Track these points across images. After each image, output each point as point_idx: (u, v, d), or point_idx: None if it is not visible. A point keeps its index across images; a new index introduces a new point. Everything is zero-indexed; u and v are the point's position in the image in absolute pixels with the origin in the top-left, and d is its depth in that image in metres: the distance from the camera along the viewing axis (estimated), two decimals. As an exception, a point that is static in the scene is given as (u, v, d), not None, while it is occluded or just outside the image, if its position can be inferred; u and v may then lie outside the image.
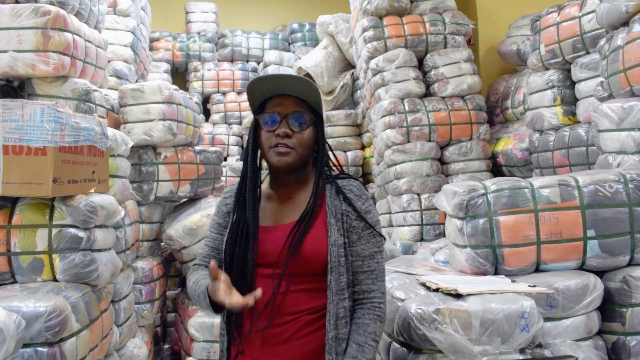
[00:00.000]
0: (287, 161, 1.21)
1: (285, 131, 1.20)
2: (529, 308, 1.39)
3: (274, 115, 1.22)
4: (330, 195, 1.24)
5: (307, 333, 1.19)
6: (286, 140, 1.21)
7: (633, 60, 1.97)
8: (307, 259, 1.19)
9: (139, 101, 2.91)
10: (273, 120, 1.22)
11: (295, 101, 1.23)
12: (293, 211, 1.25)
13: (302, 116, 1.23)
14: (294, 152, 1.21)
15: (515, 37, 4.07)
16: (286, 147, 1.21)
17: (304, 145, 1.23)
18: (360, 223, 1.22)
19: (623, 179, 1.69)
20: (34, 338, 1.43)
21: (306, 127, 1.23)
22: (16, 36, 2.21)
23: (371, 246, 1.23)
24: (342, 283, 1.19)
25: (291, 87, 1.23)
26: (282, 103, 1.23)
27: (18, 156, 1.59)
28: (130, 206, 2.54)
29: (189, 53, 5.75)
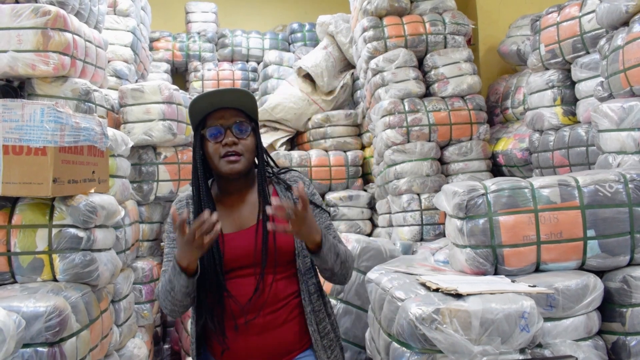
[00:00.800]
0: (239, 168, 1.33)
1: (232, 140, 1.32)
2: (529, 308, 1.39)
3: (218, 127, 1.33)
4: (281, 190, 1.40)
5: (297, 315, 1.36)
6: (234, 148, 1.32)
7: (633, 60, 1.97)
8: (282, 251, 1.34)
9: (139, 101, 2.91)
10: (218, 132, 1.33)
11: (234, 112, 1.35)
12: (252, 214, 1.37)
13: (243, 124, 1.35)
14: (243, 157, 1.34)
15: (515, 37, 4.07)
16: (236, 154, 1.32)
17: (250, 151, 1.36)
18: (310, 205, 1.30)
19: (623, 179, 1.69)
20: (34, 338, 1.43)
21: (248, 134, 1.35)
22: (16, 36, 2.21)
23: (324, 220, 1.41)
24: (308, 263, 1.37)
25: (229, 100, 1.35)
26: (223, 115, 1.35)
27: (18, 156, 1.59)
28: (130, 206, 2.54)
29: (189, 53, 5.75)
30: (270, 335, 1.32)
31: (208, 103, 1.35)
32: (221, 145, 1.33)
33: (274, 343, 1.33)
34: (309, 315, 1.35)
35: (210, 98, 1.34)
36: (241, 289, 1.32)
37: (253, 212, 1.36)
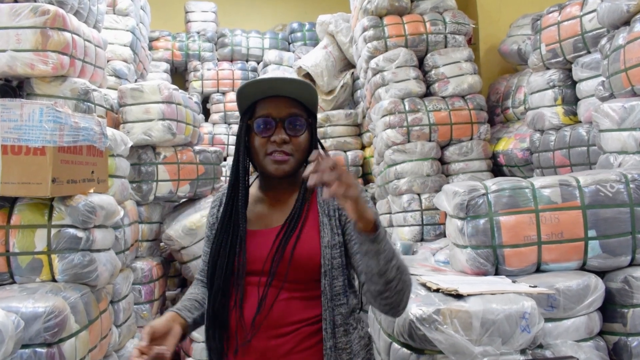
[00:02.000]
0: (285, 169, 1.13)
1: (283, 137, 1.11)
2: (529, 308, 1.38)
3: (269, 119, 1.12)
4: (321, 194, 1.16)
5: (309, 346, 1.09)
6: (284, 147, 1.12)
7: (634, 60, 1.97)
8: (299, 263, 1.09)
9: (139, 101, 2.91)
10: (268, 125, 1.12)
11: (289, 103, 1.14)
12: (283, 213, 1.16)
13: (298, 119, 1.13)
14: (292, 158, 1.13)
15: (516, 36, 4.06)
16: (284, 154, 1.12)
17: (301, 151, 1.15)
18: None
19: (624, 179, 1.68)
20: (33, 339, 1.43)
21: (303, 131, 1.14)
22: (15, 35, 2.20)
23: None
24: (338, 287, 1.10)
25: (285, 88, 1.14)
26: (277, 105, 1.13)
27: (17, 156, 1.59)
28: (130, 206, 2.53)
29: (188, 53, 5.74)
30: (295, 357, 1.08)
31: (260, 89, 1.13)
32: (269, 141, 1.12)
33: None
34: (328, 352, 1.07)
35: (264, 84, 1.13)
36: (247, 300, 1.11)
37: (287, 211, 1.15)
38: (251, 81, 1.13)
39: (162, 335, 1.10)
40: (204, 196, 3.28)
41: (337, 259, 1.11)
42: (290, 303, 1.09)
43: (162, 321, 1.12)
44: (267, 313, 1.08)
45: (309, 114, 1.17)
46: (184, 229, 2.92)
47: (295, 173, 1.17)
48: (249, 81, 1.14)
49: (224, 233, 1.15)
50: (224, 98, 5.72)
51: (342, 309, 1.11)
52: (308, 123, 1.16)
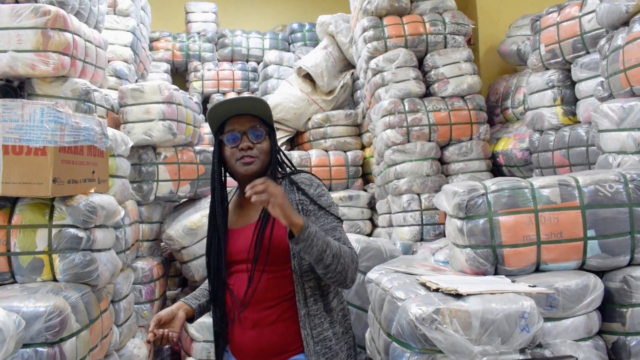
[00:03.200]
0: (253, 169, 1.42)
1: (247, 144, 1.42)
2: (529, 308, 1.39)
3: (235, 133, 1.43)
4: (286, 190, 1.43)
5: (289, 316, 1.39)
6: (249, 152, 1.42)
7: (633, 60, 1.97)
8: (273, 249, 1.37)
9: (139, 101, 2.91)
10: (234, 137, 1.43)
11: (249, 118, 1.45)
12: (256, 211, 1.44)
13: (258, 129, 1.44)
14: (257, 160, 1.43)
15: (515, 37, 4.07)
16: (250, 157, 1.42)
17: (264, 153, 1.44)
18: (315, 206, 1.41)
19: (623, 179, 1.68)
20: (34, 338, 1.43)
21: (262, 138, 1.45)
22: (16, 36, 2.21)
23: (330, 221, 1.41)
24: (305, 266, 1.39)
25: (244, 107, 1.44)
26: (239, 121, 1.44)
27: (18, 156, 1.59)
28: (130, 206, 2.54)
29: (188, 53, 5.75)
30: (262, 331, 1.38)
31: (225, 110, 1.45)
32: (237, 150, 1.42)
33: (265, 340, 1.38)
34: (303, 319, 1.37)
35: (227, 105, 1.45)
36: (237, 283, 1.42)
37: (259, 209, 1.43)
38: (215, 105, 1.44)
39: (168, 321, 1.40)
40: (205, 196, 3.29)
41: None
42: (270, 282, 1.39)
43: (167, 310, 1.43)
44: (254, 291, 1.38)
45: (267, 125, 1.48)
46: (185, 228, 2.93)
47: (262, 173, 1.44)
48: (215, 105, 1.44)
49: (211, 233, 1.48)
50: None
51: (311, 283, 1.40)
52: (266, 132, 1.46)
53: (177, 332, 1.39)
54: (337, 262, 1.32)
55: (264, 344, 1.38)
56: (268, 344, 1.38)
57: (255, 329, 1.39)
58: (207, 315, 2.87)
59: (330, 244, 1.30)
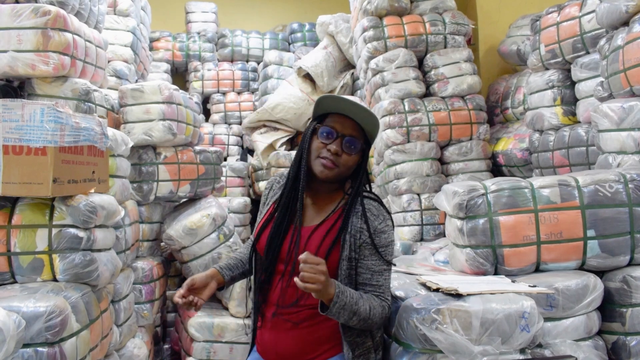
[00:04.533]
0: (328, 175, 1.34)
1: (337, 149, 1.33)
2: (529, 308, 1.39)
3: (332, 131, 1.34)
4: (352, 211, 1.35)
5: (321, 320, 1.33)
6: (334, 157, 1.33)
7: (633, 60, 1.97)
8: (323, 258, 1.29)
9: (139, 101, 2.91)
10: (330, 135, 1.34)
11: (354, 125, 1.35)
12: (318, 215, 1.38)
13: (355, 141, 1.35)
14: (337, 169, 1.34)
15: (515, 37, 4.07)
16: (332, 163, 1.33)
17: (348, 167, 1.36)
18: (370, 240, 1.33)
19: (623, 179, 1.69)
20: (34, 338, 1.43)
21: (356, 152, 1.35)
22: (16, 36, 2.21)
23: (378, 263, 1.34)
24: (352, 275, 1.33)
25: (357, 113, 1.35)
26: (343, 123, 1.35)
27: (18, 156, 1.59)
28: (130, 206, 2.54)
29: (189, 53, 5.75)
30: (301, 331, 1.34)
31: (337, 104, 1.36)
32: (325, 147, 1.34)
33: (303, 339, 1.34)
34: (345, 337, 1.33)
35: (342, 102, 1.35)
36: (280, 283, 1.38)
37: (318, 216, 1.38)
38: (333, 95, 1.36)
39: (200, 287, 1.38)
40: (205, 196, 3.29)
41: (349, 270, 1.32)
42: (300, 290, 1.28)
43: (202, 275, 1.41)
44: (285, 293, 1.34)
45: (365, 141, 1.39)
46: (185, 228, 2.93)
47: (336, 182, 1.39)
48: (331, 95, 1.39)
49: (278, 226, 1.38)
50: (225, 98, 5.73)
51: None
52: (362, 148, 1.37)
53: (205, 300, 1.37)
54: (362, 323, 1.29)
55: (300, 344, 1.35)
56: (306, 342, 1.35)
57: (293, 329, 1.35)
58: (207, 315, 2.88)
59: (358, 312, 1.26)
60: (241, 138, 5.65)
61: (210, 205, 3.12)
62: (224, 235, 3.01)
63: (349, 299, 1.25)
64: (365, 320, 1.28)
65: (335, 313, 1.24)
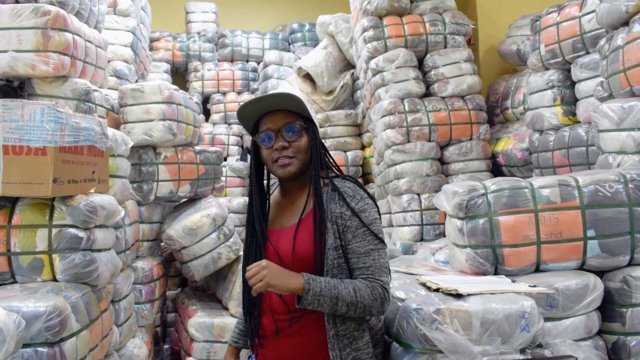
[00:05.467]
0: (291, 170, 1.32)
1: (282, 144, 1.31)
2: (529, 308, 1.39)
3: (268, 132, 1.33)
4: (327, 198, 1.31)
5: (311, 330, 1.30)
6: (285, 152, 1.31)
7: (633, 60, 1.97)
8: (303, 261, 1.28)
9: (139, 101, 2.91)
10: (269, 137, 1.32)
11: (284, 114, 1.33)
12: (292, 215, 1.35)
13: (293, 126, 1.32)
14: (295, 159, 1.32)
15: (515, 37, 4.07)
16: (287, 157, 1.31)
17: (303, 151, 1.33)
18: (354, 222, 1.27)
19: (623, 179, 1.69)
20: (34, 338, 1.43)
21: (299, 135, 1.33)
22: (16, 36, 2.21)
23: (366, 243, 1.27)
24: None
25: (276, 102, 1.33)
26: (272, 119, 1.33)
27: (18, 156, 1.59)
28: (130, 206, 2.54)
29: (189, 53, 5.75)
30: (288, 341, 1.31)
31: (255, 109, 1.34)
32: (273, 150, 1.32)
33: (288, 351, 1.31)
34: (332, 340, 1.27)
35: (257, 104, 1.33)
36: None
37: (295, 213, 1.34)
38: (245, 104, 1.34)
39: None
40: (205, 196, 3.29)
41: (337, 259, 1.27)
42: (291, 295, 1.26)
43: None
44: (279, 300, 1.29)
45: (304, 120, 1.35)
46: (185, 228, 2.93)
47: (302, 173, 1.35)
48: (243, 104, 1.34)
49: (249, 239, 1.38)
50: (225, 98, 5.73)
51: None
52: (303, 127, 1.34)
53: None
54: (354, 309, 1.23)
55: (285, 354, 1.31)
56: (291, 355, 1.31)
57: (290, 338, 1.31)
58: (207, 315, 2.88)
59: (340, 296, 1.21)
60: (241, 138, 5.66)
61: (210, 205, 3.12)
62: (224, 235, 3.01)
63: (324, 284, 1.20)
64: (354, 304, 1.22)
65: (312, 301, 1.19)
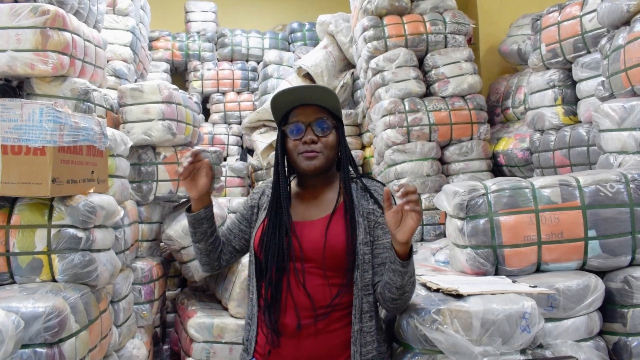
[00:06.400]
0: (316, 164, 1.33)
1: (311, 138, 1.32)
2: (529, 308, 1.39)
3: (299, 124, 1.34)
4: (357, 195, 1.35)
5: (336, 328, 1.28)
6: (313, 146, 1.32)
7: (634, 60, 1.97)
8: (335, 255, 1.27)
9: (138, 101, 2.91)
10: (298, 129, 1.34)
11: (316, 109, 1.34)
12: (319, 209, 1.36)
13: (324, 122, 1.34)
14: (321, 155, 1.33)
15: (516, 36, 4.06)
16: (313, 151, 1.32)
17: (330, 148, 1.34)
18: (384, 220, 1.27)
19: (624, 179, 1.68)
20: (33, 339, 1.43)
21: (329, 131, 1.34)
22: (15, 35, 2.20)
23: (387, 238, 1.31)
24: (367, 279, 1.29)
25: (311, 96, 1.34)
26: (304, 112, 1.34)
27: (17, 156, 1.59)
28: (130, 206, 2.53)
29: (188, 52, 5.74)
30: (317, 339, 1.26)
31: (290, 99, 1.35)
32: (301, 143, 1.33)
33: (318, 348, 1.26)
34: (356, 335, 1.26)
35: (293, 94, 1.34)
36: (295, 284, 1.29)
37: (324, 207, 1.35)
38: (281, 92, 1.34)
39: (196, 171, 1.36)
40: (204, 196, 3.28)
41: (368, 255, 1.30)
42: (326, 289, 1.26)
43: None
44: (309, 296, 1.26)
45: (334, 117, 1.37)
46: (184, 229, 2.92)
47: (326, 169, 1.36)
48: (279, 92, 1.34)
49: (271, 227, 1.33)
50: (224, 98, 5.72)
51: (369, 298, 1.29)
52: (333, 125, 1.36)
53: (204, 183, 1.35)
54: (411, 290, 1.27)
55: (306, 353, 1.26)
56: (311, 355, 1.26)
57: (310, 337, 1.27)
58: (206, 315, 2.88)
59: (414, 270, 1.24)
60: (241, 138, 5.65)
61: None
62: (223, 235, 3.01)
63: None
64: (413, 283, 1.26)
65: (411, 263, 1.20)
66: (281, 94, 1.34)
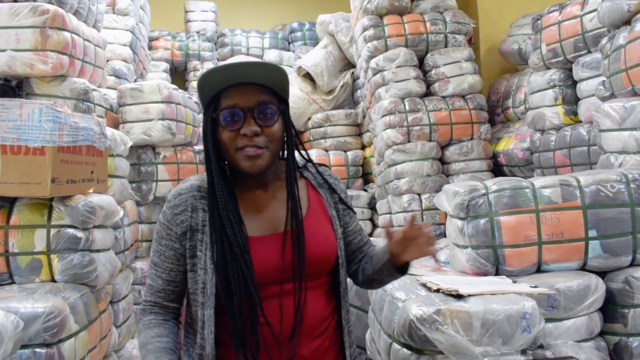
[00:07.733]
0: (261, 165, 0.98)
1: (253, 129, 0.96)
2: (530, 309, 1.38)
3: (235, 110, 0.97)
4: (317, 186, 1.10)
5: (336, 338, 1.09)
6: (256, 140, 0.97)
7: (635, 60, 1.96)
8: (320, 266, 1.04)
9: (138, 101, 2.90)
10: (235, 117, 0.97)
11: (257, 89, 0.99)
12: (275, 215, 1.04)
13: (269, 107, 0.99)
14: (266, 151, 0.98)
15: (516, 36, 4.06)
16: (257, 148, 0.97)
17: (276, 141, 1.00)
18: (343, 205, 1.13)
19: (625, 179, 1.68)
20: (32, 339, 1.42)
21: (276, 120, 1.00)
22: (14, 35, 2.20)
23: (356, 221, 1.17)
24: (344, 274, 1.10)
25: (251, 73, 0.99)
26: (242, 94, 0.98)
27: (16, 156, 1.58)
28: (129, 206, 2.53)
29: (188, 52, 5.74)
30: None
31: (223, 78, 0.98)
32: (239, 135, 0.97)
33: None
34: (346, 338, 1.07)
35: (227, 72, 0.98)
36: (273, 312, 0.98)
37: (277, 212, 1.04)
38: (213, 68, 0.98)
39: None
40: (204, 196, 3.28)
41: (346, 247, 1.16)
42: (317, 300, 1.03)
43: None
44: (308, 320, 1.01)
45: (280, 100, 1.03)
46: (184, 229, 2.92)
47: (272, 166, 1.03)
48: (211, 68, 0.98)
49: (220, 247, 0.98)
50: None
51: (347, 295, 1.13)
52: (280, 110, 1.02)
53: None
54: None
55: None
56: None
57: None
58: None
59: None
60: (241, 137, 5.65)
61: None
62: (223, 235, 3.00)
63: None
64: None
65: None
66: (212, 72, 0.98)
